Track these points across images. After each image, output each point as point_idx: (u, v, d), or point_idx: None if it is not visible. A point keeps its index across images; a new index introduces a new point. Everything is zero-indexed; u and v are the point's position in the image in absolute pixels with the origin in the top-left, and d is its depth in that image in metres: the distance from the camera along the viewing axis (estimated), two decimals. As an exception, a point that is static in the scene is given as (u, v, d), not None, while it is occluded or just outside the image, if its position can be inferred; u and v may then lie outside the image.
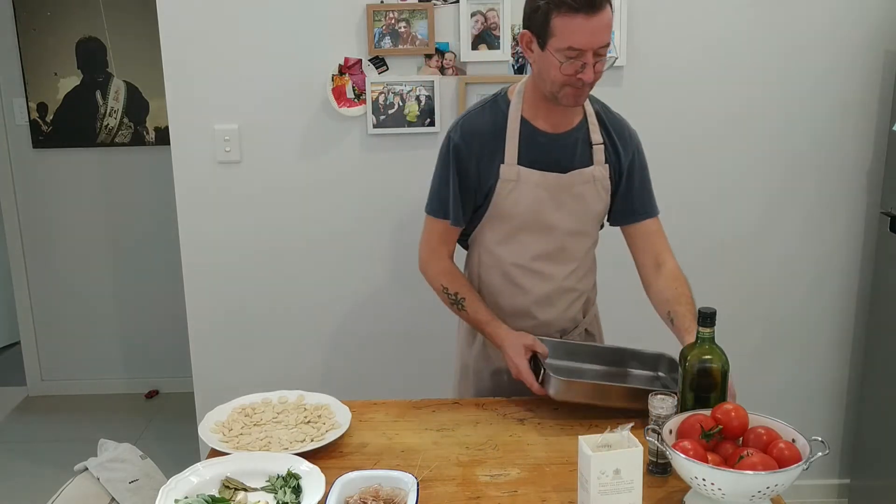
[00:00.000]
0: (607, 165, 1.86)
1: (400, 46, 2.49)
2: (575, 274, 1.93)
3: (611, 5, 1.66)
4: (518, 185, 1.81)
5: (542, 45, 1.68)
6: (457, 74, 2.53)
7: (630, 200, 1.91)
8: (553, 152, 1.82)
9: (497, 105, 1.84)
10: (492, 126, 1.82)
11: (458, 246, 1.98)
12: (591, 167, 1.84)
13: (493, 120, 1.82)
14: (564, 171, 1.82)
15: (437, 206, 1.88)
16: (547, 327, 1.93)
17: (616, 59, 1.65)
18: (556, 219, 1.84)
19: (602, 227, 1.97)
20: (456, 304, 1.89)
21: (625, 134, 1.89)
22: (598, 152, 1.85)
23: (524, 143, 1.81)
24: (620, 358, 1.93)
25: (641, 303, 1.92)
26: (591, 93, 1.83)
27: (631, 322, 2.79)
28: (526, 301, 1.91)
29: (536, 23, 1.67)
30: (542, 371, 1.73)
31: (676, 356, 1.81)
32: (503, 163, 1.80)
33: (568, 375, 1.82)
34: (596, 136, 1.85)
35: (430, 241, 1.92)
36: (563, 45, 1.64)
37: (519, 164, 1.80)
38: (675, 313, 1.80)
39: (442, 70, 2.52)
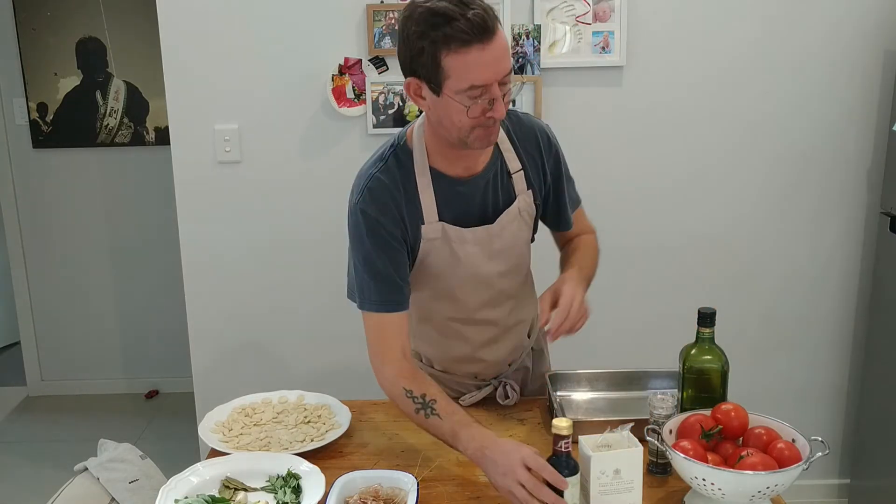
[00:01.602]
0: (530, 191, 1.67)
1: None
2: (516, 309, 1.77)
3: (501, 27, 1.45)
4: (444, 243, 1.60)
5: (437, 91, 1.43)
6: (457, 74, 2.52)
7: (563, 205, 1.75)
8: (474, 200, 1.61)
9: (399, 158, 1.58)
10: (401, 182, 1.56)
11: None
12: (515, 201, 1.65)
13: (401, 175, 1.56)
14: (491, 219, 1.62)
15: (374, 297, 1.58)
16: (497, 366, 1.81)
17: (523, 84, 1.43)
18: (489, 268, 1.66)
19: (533, 240, 1.79)
20: (424, 408, 1.53)
21: (540, 141, 1.68)
22: (519, 180, 1.65)
23: (441, 197, 1.58)
24: (638, 380, 1.84)
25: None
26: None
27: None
28: (470, 348, 1.76)
29: (423, 67, 1.42)
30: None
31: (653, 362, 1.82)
32: (423, 223, 1.58)
33: (587, 409, 1.77)
34: (513, 163, 1.64)
35: (379, 341, 1.61)
36: (464, 86, 1.40)
37: (441, 220, 1.59)
38: (563, 263, 1.74)
39: (442, 70, 2.52)
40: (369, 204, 1.55)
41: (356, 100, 2.53)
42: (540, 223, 1.79)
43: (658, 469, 1.51)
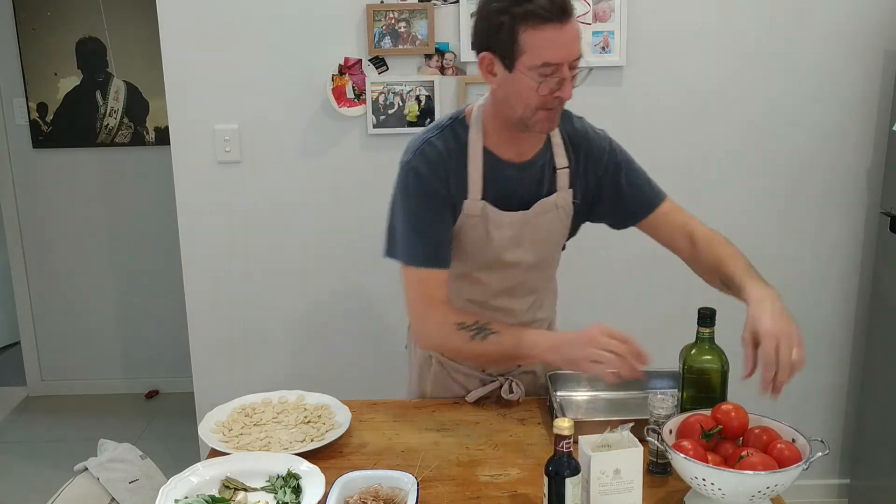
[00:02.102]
0: (571, 190, 1.70)
1: (400, 46, 2.49)
2: (536, 304, 1.80)
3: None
4: (481, 222, 1.63)
5: (510, 66, 1.50)
6: (457, 74, 2.53)
7: (624, 205, 1.75)
8: (519, 185, 1.65)
9: (456, 131, 1.63)
10: (455, 154, 1.61)
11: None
12: (555, 195, 1.68)
13: (455, 147, 1.61)
14: (528, 204, 1.65)
15: (420, 252, 1.61)
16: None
17: (591, 70, 1.50)
18: (517, 255, 1.69)
19: (564, 248, 1.83)
20: (481, 331, 1.57)
21: (597, 147, 1.72)
22: (562, 177, 1.68)
23: (489, 176, 1.62)
24: (638, 380, 1.77)
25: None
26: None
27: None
28: None
29: (500, 41, 1.49)
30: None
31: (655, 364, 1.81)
32: (466, 197, 1.62)
33: (587, 409, 1.78)
34: (560, 159, 1.68)
35: (422, 294, 1.63)
36: (538, 62, 1.47)
37: (483, 199, 1.63)
38: (724, 276, 1.60)
39: (442, 70, 2.52)
40: (422, 163, 1.60)
41: (356, 100, 2.53)
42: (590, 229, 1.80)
43: (658, 469, 1.51)
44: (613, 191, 1.73)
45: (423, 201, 1.61)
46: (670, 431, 1.44)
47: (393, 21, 2.48)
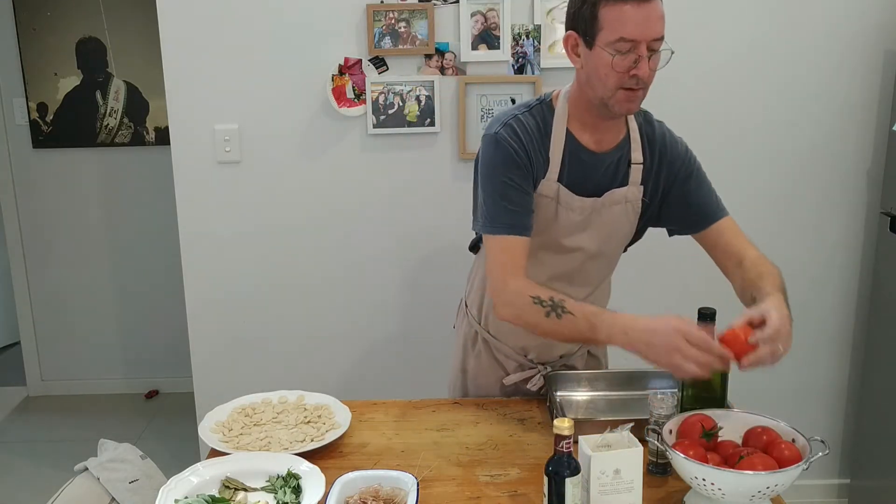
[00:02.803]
0: (642, 186, 1.73)
1: (400, 46, 2.49)
2: (590, 298, 1.81)
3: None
4: (552, 203, 1.67)
5: (591, 44, 1.54)
6: (457, 74, 2.53)
7: (687, 213, 1.77)
8: (594, 174, 1.68)
9: (542, 111, 1.68)
10: (539, 132, 1.65)
11: (470, 253, 1.89)
12: (626, 188, 1.71)
13: (541, 125, 1.66)
14: (600, 194, 1.69)
15: (504, 220, 1.62)
16: (550, 348, 1.85)
17: (673, 53, 1.53)
18: (581, 240, 1.72)
19: (626, 250, 1.87)
20: (555, 309, 1.56)
21: (672, 151, 1.75)
22: (636, 172, 1.71)
23: (568, 159, 1.66)
24: (638, 380, 1.83)
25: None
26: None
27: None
28: None
29: (583, 19, 1.54)
30: None
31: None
32: (544, 177, 1.66)
33: (587, 409, 1.78)
34: (636, 154, 1.71)
35: (504, 262, 1.63)
36: (614, 37, 1.50)
37: (559, 181, 1.66)
38: (755, 290, 1.63)
39: (442, 70, 2.52)
40: (510, 134, 1.62)
41: (356, 100, 2.53)
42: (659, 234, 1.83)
43: (658, 469, 1.51)
44: (681, 197, 1.76)
45: (507, 169, 1.62)
46: (670, 431, 1.44)
47: (393, 21, 2.48)
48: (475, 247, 1.91)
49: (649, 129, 1.75)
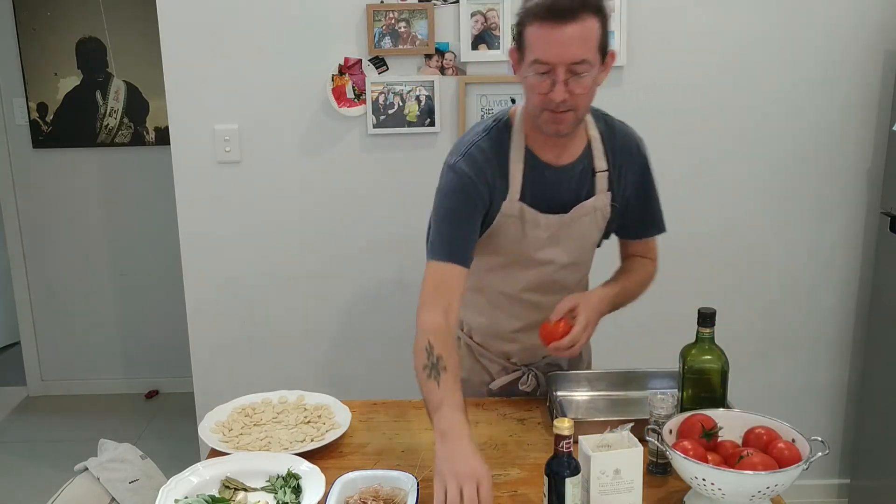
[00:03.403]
0: (609, 193, 1.73)
1: (400, 46, 2.49)
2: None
3: (600, 15, 1.50)
4: (517, 222, 1.67)
5: (522, 62, 1.55)
6: (457, 74, 2.53)
7: (639, 216, 1.80)
8: (558, 189, 1.68)
9: (500, 132, 1.67)
10: (497, 156, 1.65)
11: None
12: (593, 198, 1.71)
13: (499, 148, 1.65)
14: (567, 207, 1.69)
15: (445, 249, 1.62)
16: (531, 351, 1.85)
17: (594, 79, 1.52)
18: (552, 254, 1.73)
19: (599, 245, 1.86)
20: (433, 369, 1.50)
21: (632, 150, 1.75)
22: (601, 180, 1.71)
23: (529, 177, 1.66)
24: (638, 380, 1.84)
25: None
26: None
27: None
28: (512, 327, 1.82)
29: (518, 36, 1.55)
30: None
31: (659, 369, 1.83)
32: (505, 198, 1.66)
33: (587, 409, 1.79)
34: (600, 162, 1.70)
35: (432, 289, 1.62)
36: (531, 58, 1.50)
37: (521, 200, 1.66)
38: (615, 273, 1.81)
39: (442, 70, 2.52)
40: (467, 165, 1.63)
41: (356, 100, 2.53)
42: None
43: (658, 469, 1.51)
44: (640, 197, 1.78)
45: (458, 198, 1.63)
46: (670, 431, 1.44)
47: (393, 21, 2.48)
48: None
49: (610, 135, 1.73)
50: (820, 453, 1.34)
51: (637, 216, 1.81)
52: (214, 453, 1.60)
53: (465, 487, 1.27)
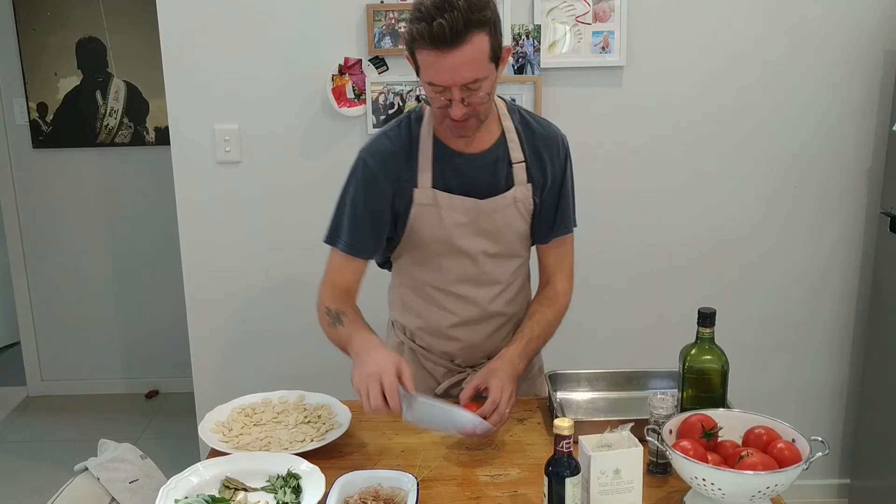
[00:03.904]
0: (529, 184, 1.72)
1: (400, 46, 2.49)
2: (502, 297, 1.80)
3: (487, 27, 1.48)
4: (433, 209, 1.68)
5: (418, 72, 1.57)
6: (457, 74, 2.52)
7: (550, 216, 1.78)
8: (470, 174, 1.68)
9: (410, 125, 1.70)
10: (406, 147, 1.68)
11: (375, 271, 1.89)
12: (513, 189, 1.71)
13: (407, 141, 1.68)
14: (483, 195, 1.69)
15: (347, 239, 1.72)
16: (471, 350, 1.83)
17: (488, 95, 1.56)
18: (475, 244, 1.72)
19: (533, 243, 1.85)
20: (335, 321, 1.70)
21: (554, 146, 1.75)
22: (519, 171, 1.71)
23: (438, 165, 1.67)
24: (638, 380, 1.84)
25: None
26: (516, 101, 1.73)
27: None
28: (449, 323, 1.80)
29: (411, 53, 1.55)
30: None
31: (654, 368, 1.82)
32: (416, 186, 1.68)
33: (587, 409, 1.78)
34: (516, 153, 1.71)
35: (332, 275, 1.77)
36: (426, 80, 1.53)
37: (434, 187, 1.68)
38: (521, 325, 1.77)
39: (442, 70, 2.52)
40: (372, 158, 1.68)
41: (356, 100, 2.53)
42: None
43: (658, 469, 1.51)
44: (552, 197, 1.77)
45: (364, 192, 1.69)
46: (670, 431, 1.44)
47: (393, 21, 2.48)
48: (385, 263, 1.90)
49: (526, 129, 1.74)
50: (820, 453, 1.34)
51: (549, 216, 1.78)
52: (214, 453, 1.60)
53: (372, 386, 1.48)
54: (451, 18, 1.43)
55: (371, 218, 1.70)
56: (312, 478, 1.46)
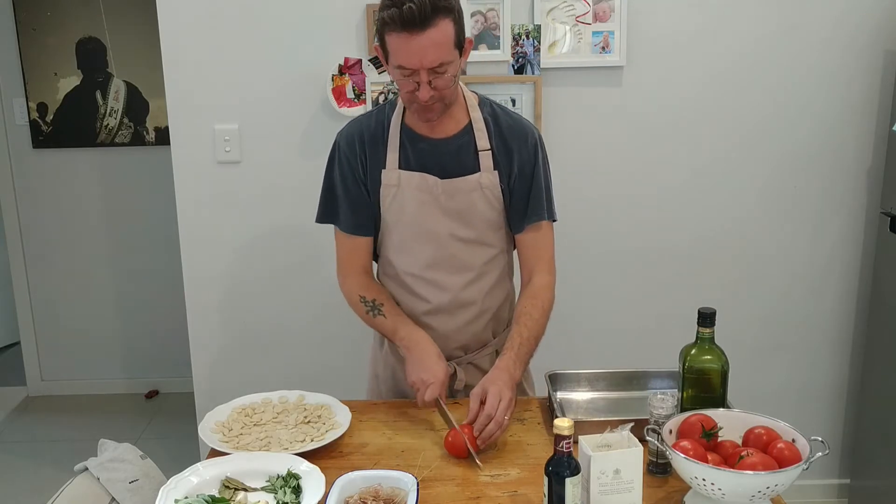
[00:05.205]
0: (496, 172, 1.77)
1: (400, 46, 2.49)
2: (475, 285, 1.82)
3: (452, 14, 1.58)
4: (399, 190, 1.76)
5: (387, 60, 1.65)
6: (457, 74, 2.52)
7: (522, 206, 1.80)
8: (435, 158, 1.76)
9: (383, 111, 1.81)
10: (376, 131, 1.78)
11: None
12: (478, 174, 1.76)
13: (377, 125, 1.79)
14: (447, 176, 1.76)
15: (349, 220, 1.82)
16: (445, 339, 1.84)
17: (456, 77, 1.64)
18: (442, 225, 1.77)
19: (516, 231, 1.86)
20: (373, 309, 1.82)
21: (522, 137, 1.79)
22: (486, 158, 1.76)
23: (405, 149, 1.76)
24: (638, 380, 1.84)
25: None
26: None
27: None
28: (422, 310, 1.84)
29: (380, 40, 1.63)
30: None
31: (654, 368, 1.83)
32: (384, 167, 1.77)
33: (587, 409, 1.78)
34: (482, 142, 1.76)
35: (346, 258, 1.87)
36: (395, 63, 1.61)
37: (400, 168, 1.76)
38: (510, 332, 1.77)
39: (442, 70, 2.52)
40: (344, 139, 1.81)
41: (356, 100, 2.53)
42: None
43: (658, 469, 1.51)
44: (523, 185, 1.80)
45: (340, 173, 1.81)
46: (670, 431, 1.44)
47: (393, 21, 2.47)
48: (375, 256, 1.92)
49: (494, 119, 1.79)
50: (820, 453, 1.34)
51: (521, 206, 1.80)
52: (214, 453, 1.61)
53: (430, 390, 1.66)
54: (419, 2, 1.53)
55: (360, 194, 1.80)
56: (312, 478, 1.46)
